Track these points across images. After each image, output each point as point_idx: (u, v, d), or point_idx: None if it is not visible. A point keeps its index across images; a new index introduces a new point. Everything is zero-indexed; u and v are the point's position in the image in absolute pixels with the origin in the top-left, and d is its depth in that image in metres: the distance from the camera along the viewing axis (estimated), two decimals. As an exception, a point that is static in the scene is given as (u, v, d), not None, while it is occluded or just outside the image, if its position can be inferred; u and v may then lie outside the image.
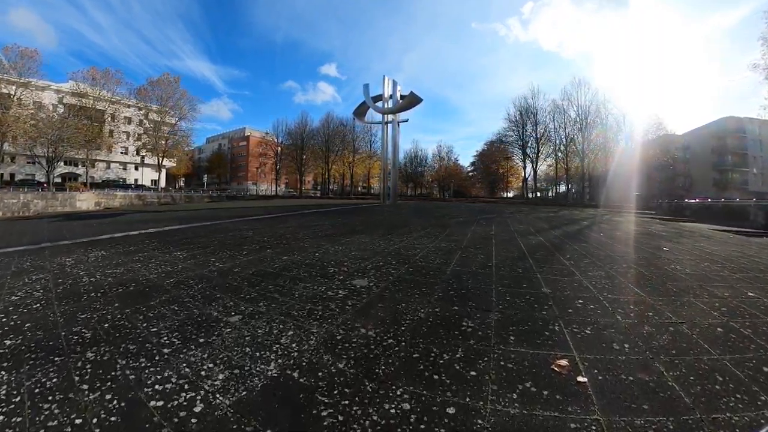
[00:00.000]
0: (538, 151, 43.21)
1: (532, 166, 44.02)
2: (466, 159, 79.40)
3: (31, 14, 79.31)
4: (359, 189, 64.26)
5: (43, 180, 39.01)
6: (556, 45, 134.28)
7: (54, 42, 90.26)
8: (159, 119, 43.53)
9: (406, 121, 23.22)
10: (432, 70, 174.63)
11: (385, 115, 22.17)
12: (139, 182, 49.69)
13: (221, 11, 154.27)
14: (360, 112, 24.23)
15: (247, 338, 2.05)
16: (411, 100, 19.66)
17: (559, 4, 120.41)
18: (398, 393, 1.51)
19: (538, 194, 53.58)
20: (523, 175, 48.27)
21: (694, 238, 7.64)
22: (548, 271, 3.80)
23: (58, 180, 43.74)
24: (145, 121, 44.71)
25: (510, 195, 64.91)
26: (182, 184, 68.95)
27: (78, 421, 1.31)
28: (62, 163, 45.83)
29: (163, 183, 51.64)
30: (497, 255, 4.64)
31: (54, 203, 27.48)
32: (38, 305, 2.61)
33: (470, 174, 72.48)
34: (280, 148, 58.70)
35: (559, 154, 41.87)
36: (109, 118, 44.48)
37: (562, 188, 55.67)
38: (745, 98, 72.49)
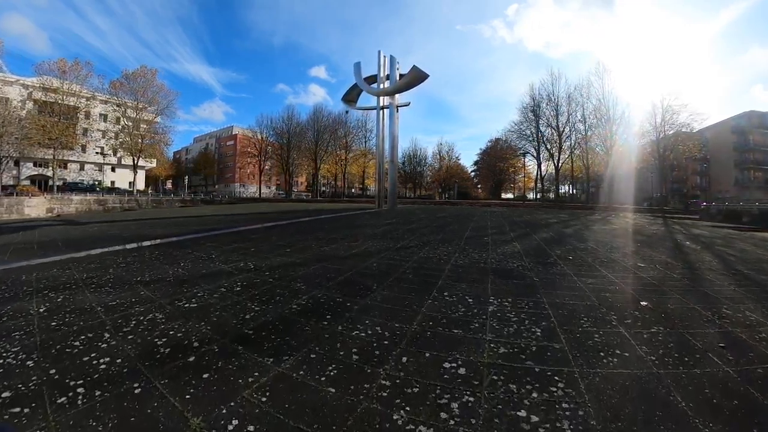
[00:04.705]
0: (561, 145, 37.21)
1: (554, 162, 38.20)
2: (467, 159, 75.99)
3: (24, 19, 74.95)
4: (354, 190, 60.08)
5: (11, 183, 35.31)
6: (550, 46, 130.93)
7: (48, 46, 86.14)
8: (135, 115, 39.55)
9: (408, 104, 18.75)
10: (432, 72, 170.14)
11: (381, 99, 18.17)
12: (116, 184, 45.76)
13: (220, 15, 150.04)
14: (350, 98, 19.80)
15: None
16: (414, 76, 15.47)
17: (542, 7, 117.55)
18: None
19: (542, 195, 49.36)
20: (537, 173, 43.53)
21: None
22: None
23: (26, 182, 40.16)
24: (122, 118, 40.54)
25: (511, 196, 60.81)
26: (170, 185, 64.85)
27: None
28: (31, 164, 42.17)
29: (141, 185, 47.72)
30: None
31: (-1, 210, 23.77)
32: None
33: (473, 173, 68.86)
34: (265, 145, 53.31)
35: (576, 150, 37.34)
36: (83, 116, 40.59)
37: (568, 188, 51.22)
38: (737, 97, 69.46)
